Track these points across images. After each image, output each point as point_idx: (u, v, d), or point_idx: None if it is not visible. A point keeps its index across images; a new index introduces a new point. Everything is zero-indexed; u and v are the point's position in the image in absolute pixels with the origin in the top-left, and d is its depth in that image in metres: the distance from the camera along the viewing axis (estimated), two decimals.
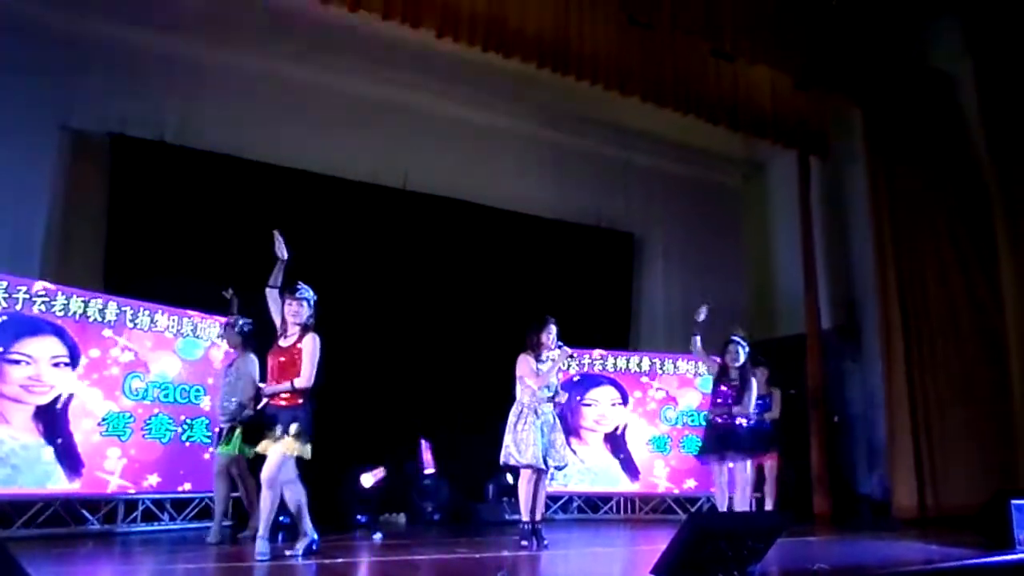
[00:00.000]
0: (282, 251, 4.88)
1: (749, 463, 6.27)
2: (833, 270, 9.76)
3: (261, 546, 4.59)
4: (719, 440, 6.21)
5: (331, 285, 5.08)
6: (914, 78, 8.56)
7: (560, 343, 5.73)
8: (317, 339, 4.83)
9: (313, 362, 4.77)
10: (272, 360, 4.87)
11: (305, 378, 4.74)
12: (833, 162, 9.72)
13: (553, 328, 5.76)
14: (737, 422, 6.19)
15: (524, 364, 5.66)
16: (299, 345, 4.79)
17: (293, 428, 4.68)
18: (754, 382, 6.34)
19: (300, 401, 4.77)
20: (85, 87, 7.25)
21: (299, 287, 4.87)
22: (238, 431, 5.68)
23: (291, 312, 4.81)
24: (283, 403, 4.76)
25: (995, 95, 7.72)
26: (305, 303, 4.85)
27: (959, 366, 7.85)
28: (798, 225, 9.38)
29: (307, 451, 4.75)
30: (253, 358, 6.00)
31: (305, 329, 4.84)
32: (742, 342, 6.36)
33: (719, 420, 6.22)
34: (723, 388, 6.32)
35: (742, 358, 6.32)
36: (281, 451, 4.66)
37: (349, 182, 8.33)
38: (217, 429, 6.13)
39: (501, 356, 5.93)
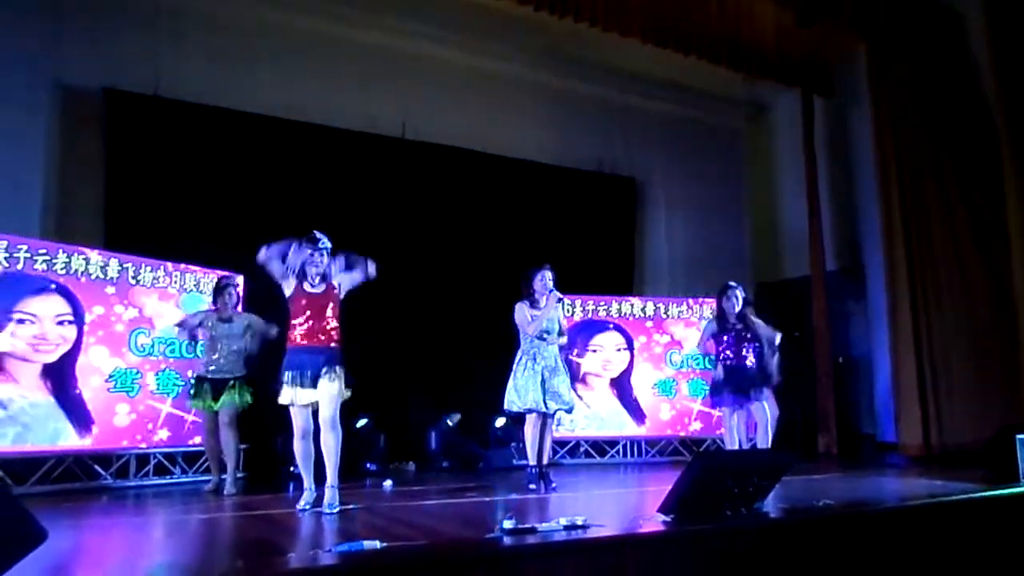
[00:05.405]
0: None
1: (768, 400, 6.26)
2: (837, 212, 9.71)
3: (334, 497, 4.60)
4: (731, 382, 6.20)
5: (330, 236, 5.04)
6: (920, 13, 8.37)
7: (551, 288, 5.73)
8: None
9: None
10: (301, 306, 4.77)
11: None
12: (837, 102, 9.61)
13: (547, 274, 5.79)
14: (747, 363, 6.18)
15: (519, 312, 5.77)
16: (331, 292, 4.81)
17: (339, 370, 4.71)
18: (769, 332, 6.30)
19: (337, 345, 4.79)
20: (76, 42, 7.11)
21: (319, 238, 4.86)
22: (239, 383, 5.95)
23: (314, 263, 4.79)
24: (330, 344, 4.75)
25: (1005, 29, 7.54)
26: (325, 253, 4.84)
27: (964, 305, 7.84)
28: (802, 166, 9.31)
29: (347, 393, 4.78)
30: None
31: (325, 278, 4.83)
32: (738, 288, 6.32)
33: (728, 363, 6.20)
34: (725, 337, 6.30)
35: (739, 304, 6.28)
36: (335, 393, 4.67)
37: (347, 132, 8.22)
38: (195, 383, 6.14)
39: (505, 304, 5.93)
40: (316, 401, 4.68)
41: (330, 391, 4.66)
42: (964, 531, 4.34)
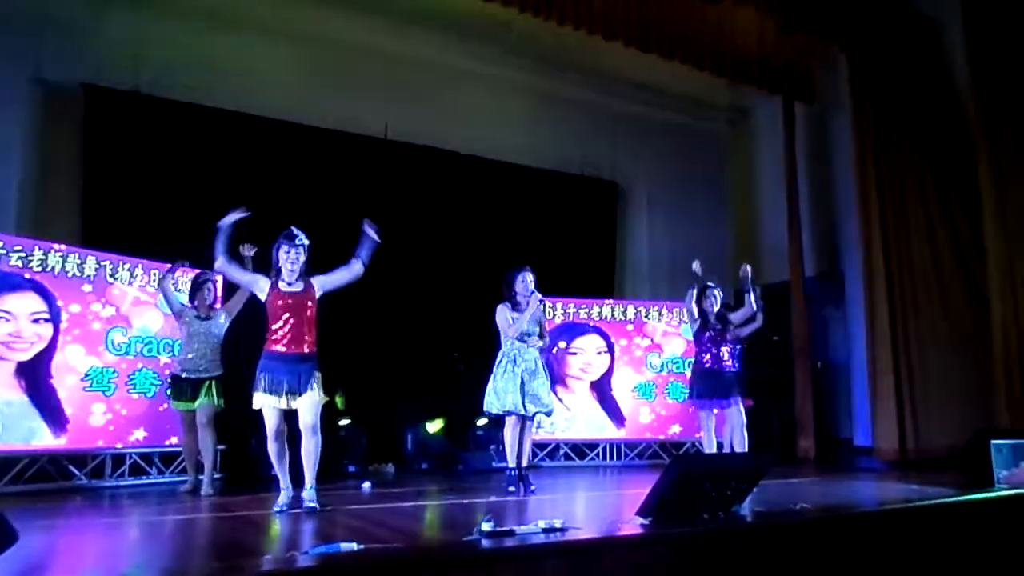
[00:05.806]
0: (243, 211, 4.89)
1: (741, 405, 6.29)
2: (817, 217, 9.78)
3: (313, 495, 4.62)
4: (709, 384, 6.23)
5: (310, 236, 5.02)
6: (900, 23, 8.46)
7: (533, 290, 5.74)
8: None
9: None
10: (279, 308, 4.69)
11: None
12: (819, 108, 9.68)
13: (528, 276, 5.78)
14: (726, 366, 6.21)
15: (499, 314, 5.78)
16: (310, 291, 4.75)
17: (318, 376, 4.70)
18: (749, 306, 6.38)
19: (315, 349, 4.76)
20: (55, 37, 7.03)
21: (296, 234, 4.82)
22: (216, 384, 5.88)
23: (291, 260, 4.73)
24: (305, 351, 4.70)
25: (981, 41, 7.64)
26: (303, 249, 4.77)
27: (941, 311, 7.92)
28: (783, 172, 9.36)
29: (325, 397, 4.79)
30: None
31: (302, 275, 4.77)
32: (716, 288, 6.38)
33: (707, 365, 6.23)
34: (706, 337, 6.33)
35: (718, 304, 6.35)
36: (317, 400, 4.67)
37: (330, 131, 8.20)
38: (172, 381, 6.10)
39: (485, 307, 5.93)
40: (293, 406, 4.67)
41: (312, 399, 4.64)
42: (939, 535, 4.38)
